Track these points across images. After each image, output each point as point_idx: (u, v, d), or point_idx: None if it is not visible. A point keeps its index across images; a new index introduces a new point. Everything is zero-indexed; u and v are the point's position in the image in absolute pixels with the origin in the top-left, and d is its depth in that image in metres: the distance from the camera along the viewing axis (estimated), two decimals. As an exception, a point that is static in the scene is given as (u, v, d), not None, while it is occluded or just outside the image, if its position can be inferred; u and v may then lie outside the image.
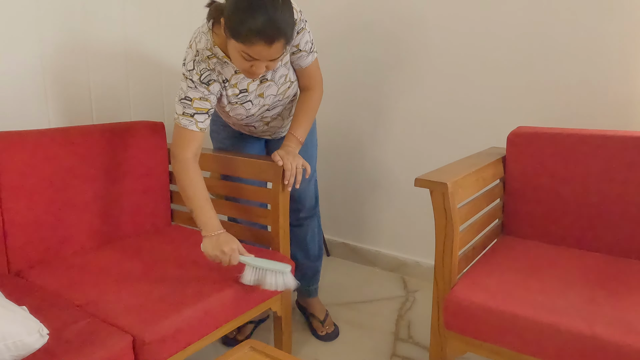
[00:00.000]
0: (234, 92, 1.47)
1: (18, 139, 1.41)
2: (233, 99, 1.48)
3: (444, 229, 1.32)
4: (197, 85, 1.41)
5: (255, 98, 1.50)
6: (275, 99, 1.54)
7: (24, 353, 0.92)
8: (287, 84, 1.52)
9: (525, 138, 1.64)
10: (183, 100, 1.41)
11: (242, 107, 1.51)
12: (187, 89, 1.41)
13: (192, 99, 1.41)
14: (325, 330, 1.84)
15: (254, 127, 1.66)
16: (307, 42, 1.47)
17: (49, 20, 1.63)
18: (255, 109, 1.54)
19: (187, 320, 1.19)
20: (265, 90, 1.50)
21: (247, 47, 1.23)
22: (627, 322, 1.10)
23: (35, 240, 1.44)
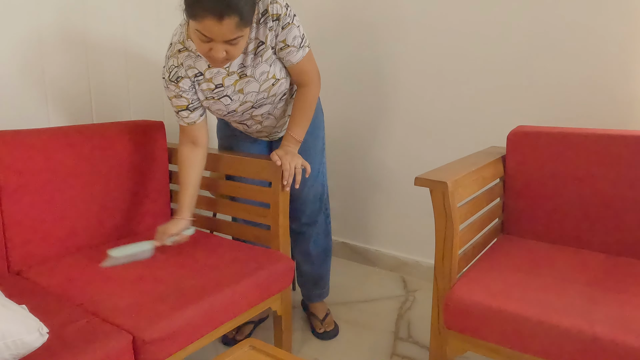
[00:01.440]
0: (209, 86, 1.46)
1: (18, 138, 1.41)
2: (208, 93, 1.47)
3: (444, 228, 1.32)
4: (168, 84, 1.46)
5: (234, 93, 1.48)
6: (258, 97, 1.51)
7: (23, 352, 0.92)
8: (270, 81, 1.48)
9: (525, 137, 1.64)
10: (169, 100, 1.51)
11: (219, 103, 1.49)
12: (165, 90, 1.49)
13: (170, 98, 1.48)
14: (323, 328, 1.83)
15: (246, 125, 1.64)
16: (296, 37, 1.43)
17: (49, 19, 1.63)
18: (235, 105, 1.51)
19: (187, 320, 1.19)
20: (245, 86, 1.47)
21: (198, 24, 1.21)
22: (626, 321, 1.10)
23: (35, 240, 1.44)
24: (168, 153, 1.82)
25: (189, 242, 1.63)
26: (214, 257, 1.50)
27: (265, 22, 1.38)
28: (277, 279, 1.48)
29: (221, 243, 1.63)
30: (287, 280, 1.53)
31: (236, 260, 1.48)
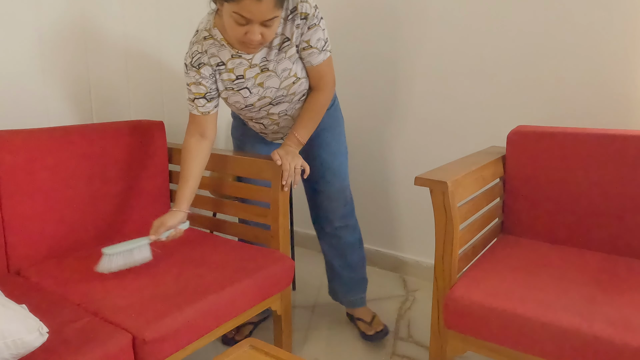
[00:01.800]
0: (229, 76, 1.45)
1: (18, 137, 1.41)
2: (228, 84, 1.47)
3: (444, 228, 1.32)
4: (190, 70, 1.45)
5: (254, 86, 1.48)
6: (278, 93, 1.51)
7: (23, 351, 0.92)
8: (291, 78, 1.49)
9: (525, 137, 1.64)
10: (187, 87, 1.49)
11: (238, 95, 1.49)
12: (185, 76, 1.48)
13: (189, 84, 1.47)
14: (373, 330, 1.77)
15: (263, 125, 1.63)
16: (320, 40, 1.44)
17: (48, 19, 1.63)
18: (254, 99, 1.51)
19: (187, 319, 1.19)
20: (265, 80, 1.47)
21: (236, 5, 1.21)
22: (626, 321, 1.10)
23: (35, 239, 1.44)
24: (168, 153, 1.82)
25: (189, 241, 1.63)
26: (214, 257, 1.50)
27: (293, 19, 1.40)
28: (277, 279, 1.48)
29: (221, 243, 1.63)
30: (287, 280, 1.53)
31: (236, 260, 1.48)
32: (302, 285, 2.23)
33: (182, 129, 2.12)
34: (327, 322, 1.92)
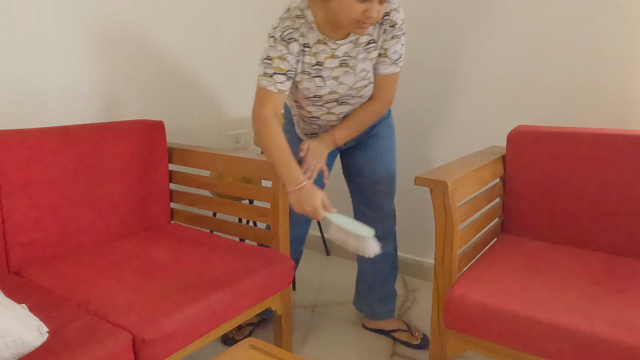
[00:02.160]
0: (310, 60, 1.43)
1: (18, 137, 1.41)
2: (307, 67, 1.44)
3: (444, 227, 1.32)
4: (278, 43, 1.38)
5: (328, 78, 1.46)
6: (348, 92, 1.49)
7: (23, 351, 0.92)
8: (365, 81, 1.48)
9: (525, 137, 1.64)
10: (265, 61, 1.40)
11: (312, 81, 1.46)
12: (268, 49, 1.40)
13: (272, 57, 1.39)
14: (419, 337, 1.76)
15: (318, 125, 1.60)
16: (396, 52, 1.46)
17: (48, 18, 1.63)
18: (325, 91, 1.47)
19: (187, 319, 1.19)
20: (341, 75, 1.46)
21: None
22: (627, 321, 1.10)
23: (35, 239, 1.44)
24: (168, 153, 1.82)
25: (189, 241, 1.63)
26: (214, 256, 1.50)
27: (383, 23, 1.41)
28: (277, 279, 1.48)
29: (221, 242, 1.63)
30: (287, 280, 1.53)
31: (236, 260, 1.48)
32: (302, 285, 2.23)
33: (182, 129, 2.12)
34: (327, 322, 1.92)
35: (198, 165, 1.78)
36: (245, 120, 2.42)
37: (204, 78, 2.19)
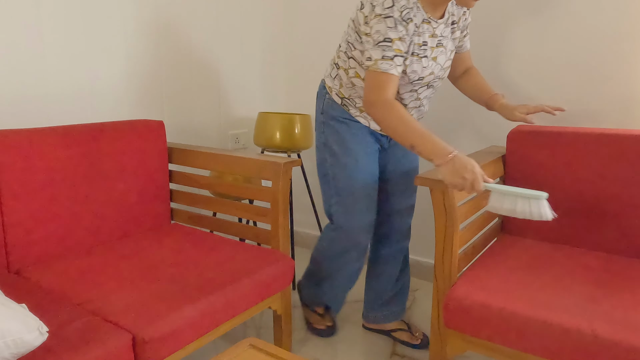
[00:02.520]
0: (418, 40, 1.38)
1: (18, 137, 1.41)
2: (416, 48, 1.38)
3: (444, 227, 1.32)
4: (397, 24, 1.31)
5: (429, 59, 1.43)
6: (438, 73, 1.48)
7: (23, 351, 0.92)
8: (450, 61, 1.51)
9: (526, 137, 1.64)
10: (382, 43, 1.30)
11: (420, 63, 1.41)
12: (386, 30, 1.30)
13: (393, 39, 1.30)
14: (419, 337, 1.75)
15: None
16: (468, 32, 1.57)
17: (49, 18, 1.63)
18: (426, 72, 1.44)
19: (187, 319, 1.19)
20: (438, 55, 1.44)
21: None
22: (626, 320, 1.10)
23: (35, 239, 1.44)
24: (168, 153, 1.82)
25: (189, 240, 1.63)
26: (214, 256, 1.50)
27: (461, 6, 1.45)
28: (277, 279, 1.48)
29: (221, 242, 1.63)
30: (287, 279, 1.53)
31: (236, 260, 1.48)
32: (302, 285, 2.23)
33: (182, 128, 2.12)
34: (327, 322, 1.92)
35: (198, 165, 1.78)
36: (245, 119, 2.42)
37: (204, 78, 2.19)
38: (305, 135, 2.15)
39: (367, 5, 1.36)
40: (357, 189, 1.55)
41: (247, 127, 2.44)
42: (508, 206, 1.22)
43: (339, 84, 1.54)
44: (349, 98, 1.53)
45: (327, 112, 1.58)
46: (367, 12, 1.35)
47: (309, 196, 2.45)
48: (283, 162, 1.56)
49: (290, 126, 2.10)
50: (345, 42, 1.50)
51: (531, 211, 1.20)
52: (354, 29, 1.44)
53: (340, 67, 1.53)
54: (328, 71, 1.60)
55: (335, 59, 1.56)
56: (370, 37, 1.33)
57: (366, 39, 1.35)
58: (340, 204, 1.58)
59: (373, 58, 1.32)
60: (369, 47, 1.33)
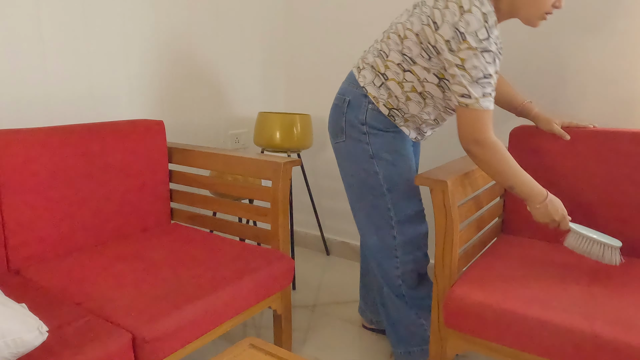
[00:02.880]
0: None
1: (18, 137, 1.41)
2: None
3: (444, 227, 1.32)
4: (496, 57, 1.25)
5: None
6: None
7: (23, 350, 0.92)
8: None
9: (527, 136, 1.64)
10: (483, 80, 1.23)
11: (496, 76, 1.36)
12: (485, 66, 1.22)
13: (492, 74, 1.25)
14: None
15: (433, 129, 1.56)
16: None
17: (49, 18, 1.63)
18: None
19: (187, 318, 1.19)
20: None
21: None
22: (626, 320, 1.10)
23: (35, 239, 1.44)
24: (168, 152, 1.82)
25: (189, 240, 1.63)
26: (214, 256, 1.50)
27: None
28: (277, 278, 1.48)
29: (221, 242, 1.63)
30: (287, 279, 1.53)
31: (236, 259, 1.48)
32: (302, 285, 2.23)
33: (182, 128, 2.12)
34: (327, 322, 1.92)
35: (198, 165, 1.78)
36: (245, 119, 2.42)
37: (204, 77, 2.19)
38: (305, 135, 2.15)
39: (447, 29, 1.24)
40: (416, 196, 1.49)
41: (247, 127, 2.44)
42: (584, 247, 1.35)
43: (387, 94, 1.42)
44: (397, 109, 1.44)
45: (371, 123, 1.45)
46: (449, 37, 1.24)
47: (309, 196, 2.45)
48: (283, 161, 1.56)
49: (290, 126, 2.10)
50: (398, 53, 1.38)
51: (603, 255, 1.34)
52: (418, 43, 1.33)
53: (390, 79, 1.41)
54: (368, 79, 1.44)
55: (378, 67, 1.42)
56: (464, 71, 1.23)
57: (459, 72, 1.24)
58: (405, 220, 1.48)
59: (473, 96, 1.24)
60: (464, 82, 1.24)
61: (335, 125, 1.52)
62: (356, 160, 1.49)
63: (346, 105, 1.48)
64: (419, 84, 1.39)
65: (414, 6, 1.39)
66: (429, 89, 1.39)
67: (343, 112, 1.49)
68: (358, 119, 1.46)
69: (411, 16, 1.36)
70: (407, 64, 1.38)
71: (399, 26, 1.39)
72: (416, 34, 1.33)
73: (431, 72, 1.36)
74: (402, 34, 1.37)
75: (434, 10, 1.27)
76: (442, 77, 1.36)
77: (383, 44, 1.43)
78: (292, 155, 2.34)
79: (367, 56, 1.48)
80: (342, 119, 1.49)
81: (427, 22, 1.29)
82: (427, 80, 1.37)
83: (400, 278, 1.52)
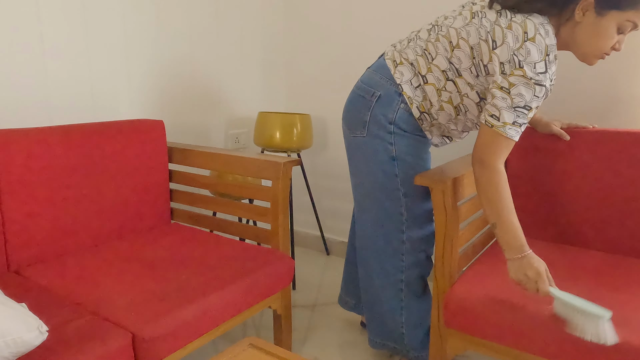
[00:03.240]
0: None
1: (18, 136, 1.41)
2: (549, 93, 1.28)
3: (444, 227, 1.32)
4: (546, 93, 1.21)
5: None
6: None
7: (23, 350, 0.92)
8: None
9: (527, 136, 1.64)
10: (520, 109, 1.19)
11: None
12: (531, 98, 1.18)
13: (532, 109, 1.20)
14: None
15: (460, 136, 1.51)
16: None
17: (49, 18, 1.63)
18: None
19: (187, 318, 1.19)
20: None
21: (636, 13, 1.17)
22: (627, 320, 1.10)
23: (35, 238, 1.44)
24: (168, 152, 1.82)
25: (189, 240, 1.63)
26: (214, 255, 1.50)
27: None
28: (277, 278, 1.48)
29: (221, 242, 1.63)
30: (287, 279, 1.53)
31: (236, 259, 1.48)
32: (302, 285, 2.23)
33: (182, 128, 2.12)
34: (327, 322, 1.92)
35: (198, 165, 1.78)
36: (245, 119, 2.42)
37: (204, 77, 2.19)
38: (305, 135, 2.15)
39: (505, 51, 1.19)
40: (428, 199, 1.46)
41: (247, 127, 2.44)
42: (568, 317, 1.11)
43: (422, 97, 1.38)
44: (428, 113, 1.40)
45: (399, 123, 1.39)
46: (505, 59, 1.19)
47: (309, 196, 2.45)
48: (283, 161, 1.56)
49: (290, 126, 2.10)
50: (445, 59, 1.32)
51: (588, 329, 1.06)
52: (471, 57, 1.27)
53: (429, 83, 1.36)
54: (406, 77, 1.38)
55: (420, 67, 1.36)
56: (507, 95, 1.19)
57: (500, 94, 1.20)
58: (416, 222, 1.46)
59: (502, 120, 1.20)
60: (501, 105, 1.20)
61: (356, 118, 1.44)
62: (375, 160, 1.43)
63: (375, 100, 1.40)
64: (457, 96, 1.34)
65: (472, 14, 1.28)
66: (466, 103, 1.35)
67: (369, 107, 1.40)
68: (386, 117, 1.39)
69: (467, 25, 1.27)
70: (452, 73, 1.32)
71: (452, 31, 1.30)
72: (471, 47, 1.27)
73: (474, 90, 1.31)
74: (455, 41, 1.29)
75: (495, 27, 1.22)
76: (484, 97, 1.32)
77: (430, 44, 1.35)
78: (292, 155, 2.34)
79: (406, 51, 1.39)
80: (367, 114, 1.41)
81: (486, 37, 1.23)
82: (467, 95, 1.33)
83: (404, 282, 1.50)
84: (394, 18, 2.15)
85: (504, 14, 1.22)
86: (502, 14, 1.22)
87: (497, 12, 1.24)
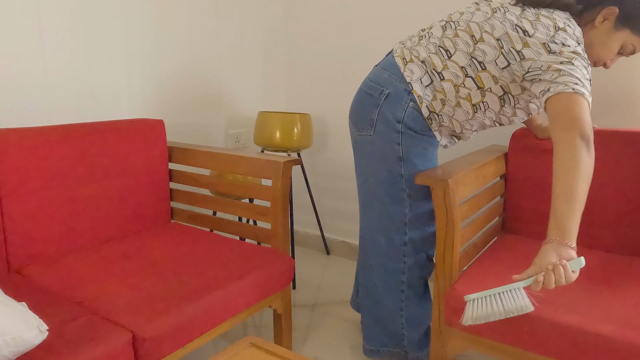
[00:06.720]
0: None
1: (18, 136, 1.41)
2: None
3: (445, 226, 1.32)
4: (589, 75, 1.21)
5: None
6: None
7: (23, 349, 0.92)
8: None
9: (529, 136, 1.64)
10: (587, 81, 1.18)
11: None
12: (586, 70, 1.19)
13: (589, 80, 1.20)
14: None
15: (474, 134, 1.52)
16: None
17: (49, 17, 1.63)
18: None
19: (187, 318, 1.19)
20: None
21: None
22: (627, 319, 1.10)
23: (35, 238, 1.44)
24: (168, 152, 1.82)
25: (189, 239, 1.63)
26: (214, 255, 1.50)
27: None
28: (277, 278, 1.48)
29: (221, 241, 1.62)
30: (287, 278, 1.53)
31: (236, 259, 1.47)
32: (302, 285, 2.23)
33: (182, 128, 2.12)
34: (327, 322, 1.92)
35: (198, 164, 1.78)
36: (245, 119, 2.42)
37: (204, 77, 2.19)
38: (305, 134, 2.15)
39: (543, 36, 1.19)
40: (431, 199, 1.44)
41: (247, 127, 2.44)
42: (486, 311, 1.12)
43: (432, 96, 1.35)
44: (438, 114, 1.37)
45: (407, 123, 1.37)
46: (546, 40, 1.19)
47: (309, 195, 2.45)
48: (283, 161, 1.56)
49: (290, 125, 2.10)
50: (466, 55, 1.29)
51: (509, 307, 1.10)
52: (498, 48, 1.25)
53: (447, 80, 1.32)
54: (416, 75, 1.35)
55: (434, 65, 1.33)
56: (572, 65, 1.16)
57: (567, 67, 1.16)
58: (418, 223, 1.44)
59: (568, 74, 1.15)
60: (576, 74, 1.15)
61: (363, 117, 1.41)
62: (381, 159, 1.40)
63: (383, 98, 1.37)
64: (477, 93, 1.32)
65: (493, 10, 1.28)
66: (488, 99, 1.33)
67: (377, 105, 1.37)
68: (395, 116, 1.36)
69: (489, 19, 1.27)
70: (472, 69, 1.30)
71: (473, 25, 1.28)
72: (497, 39, 1.25)
73: (498, 84, 1.30)
74: (478, 35, 1.27)
75: (523, 20, 1.23)
76: (508, 91, 1.31)
77: (446, 40, 1.32)
78: (292, 155, 2.33)
79: (417, 48, 1.37)
80: (375, 112, 1.38)
81: (514, 29, 1.23)
82: (491, 90, 1.31)
83: (405, 284, 1.49)
84: (394, 18, 2.15)
85: (528, 9, 1.25)
86: (527, 9, 1.25)
87: (521, 8, 1.26)
